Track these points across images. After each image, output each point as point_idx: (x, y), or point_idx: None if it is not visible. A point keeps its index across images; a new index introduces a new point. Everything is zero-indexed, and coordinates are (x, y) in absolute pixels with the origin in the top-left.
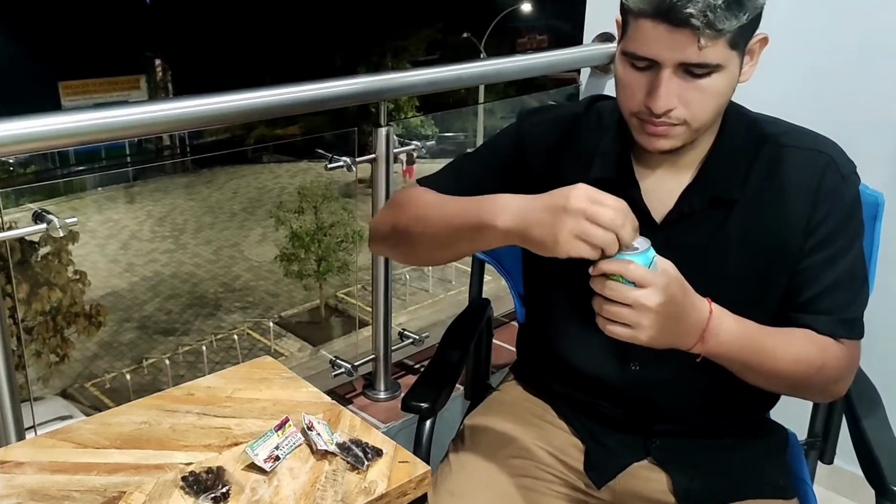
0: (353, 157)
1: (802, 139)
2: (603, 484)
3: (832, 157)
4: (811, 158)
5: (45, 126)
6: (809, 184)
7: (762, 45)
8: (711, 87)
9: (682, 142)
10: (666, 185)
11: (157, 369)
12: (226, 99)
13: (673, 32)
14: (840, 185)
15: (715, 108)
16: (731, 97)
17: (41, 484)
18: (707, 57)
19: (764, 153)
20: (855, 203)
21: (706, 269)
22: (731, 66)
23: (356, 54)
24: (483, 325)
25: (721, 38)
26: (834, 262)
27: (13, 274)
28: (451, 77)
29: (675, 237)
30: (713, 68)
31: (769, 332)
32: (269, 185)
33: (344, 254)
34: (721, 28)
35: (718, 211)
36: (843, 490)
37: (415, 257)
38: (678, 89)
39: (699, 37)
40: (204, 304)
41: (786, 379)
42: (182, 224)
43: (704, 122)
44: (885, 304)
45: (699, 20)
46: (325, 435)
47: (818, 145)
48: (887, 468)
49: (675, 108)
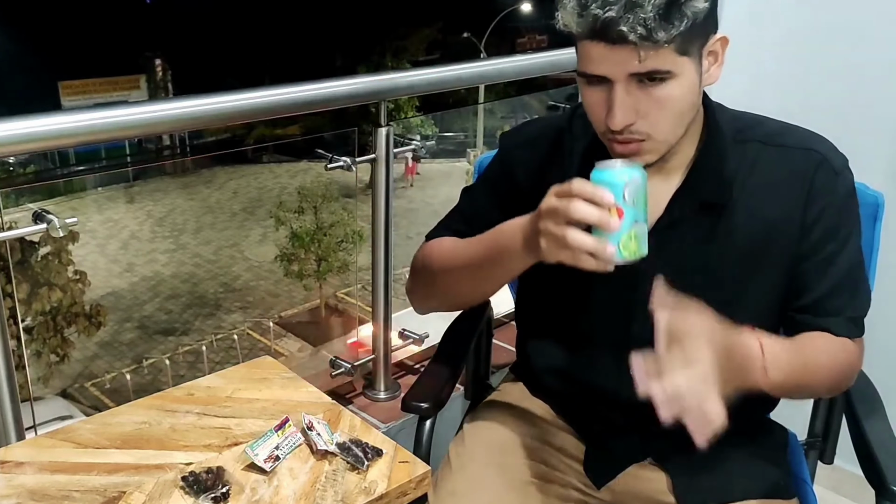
0: (353, 157)
1: (791, 138)
2: (602, 484)
3: (823, 154)
4: (801, 157)
5: (45, 126)
6: (801, 183)
7: (723, 45)
8: (668, 95)
9: (657, 155)
10: (655, 191)
11: (157, 369)
12: (226, 99)
13: (613, 50)
14: (833, 182)
15: (675, 116)
16: (697, 103)
17: (41, 484)
18: (655, 65)
19: (752, 154)
20: (849, 197)
21: (700, 273)
22: (686, 72)
23: (356, 54)
24: (483, 325)
25: (663, 48)
26: (835, 259)
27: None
28: (451, 77)
29: (667, 243)
30: (664, 75)
31: (803, 349)
32: (269, 184)
33: (344, 254)
34: (658, 39)
35: (709, 215)
36: (843, 490)
37: (460, 301)
38: (635, 102)
39: (639, 52)
40: (204, 304)
41: (815, 390)
42: (182, 224)
43: (668, 132)
44: (885, 304)
45: (635, 35)
46: (325, 435)
47: (807, 143)
48: (887, 468)
49: (635, 123)
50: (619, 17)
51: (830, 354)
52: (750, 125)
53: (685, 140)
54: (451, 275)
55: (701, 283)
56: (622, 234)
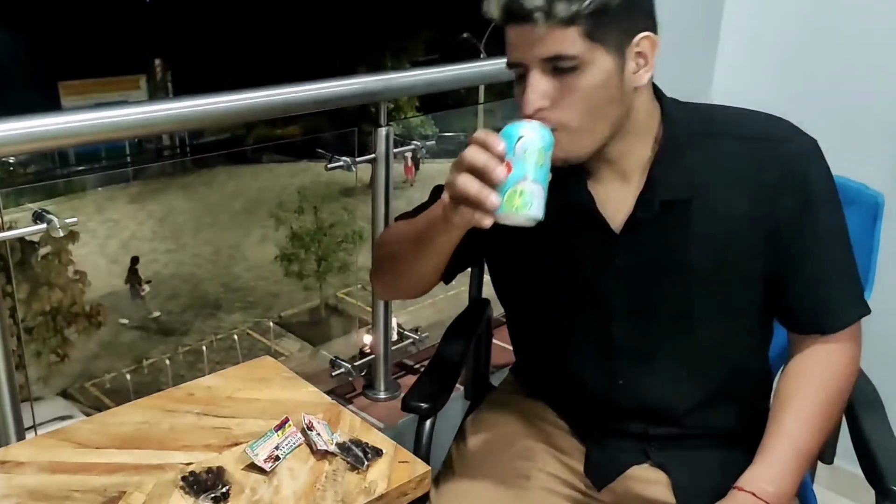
0: (353, 157)
1: (751, 128)
2: (603, 486)
3: (784, 139)
4: (762, 147)
5: (45, 126)
6: (764, 174)
7: (651, 46)
8: (581, 85)
9: (579, 151)
10: (619, 193)
11: (157, 369)
12: (226, 99)
13: (523, 30)
14: (795, 167)
15: (588, 108)
16: (620, 101)
17: (41, 484)
18: (560, 48)
19: (711, 148)
20: (820, 177)
21: (671, 272)
22: (599, 63)
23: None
24: (483, 325)
25: (569, 28)
26: (814, 244)
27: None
28: (450, 77)
29: (636, 244)
30: (572, 60)
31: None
32: (269, 185)
33: (344, 254)
34: (561, 16)
35: (673, 213)
36: (843, 490)
37: (409, 280)
38: (549, 90)
39: (542, 27)
40: (204, 304)
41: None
42: (182, 224)
43: (581, 124)
44: (885, 304)
45: (538, 11)
46: (325, 435)
47: (768, 130)
48: (887, 468)
49: (549, 110)
50: None
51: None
52: (707, 118)
53: (633, 142)
54: (398, 252)
55: (673, 280)
56: (507, 186)
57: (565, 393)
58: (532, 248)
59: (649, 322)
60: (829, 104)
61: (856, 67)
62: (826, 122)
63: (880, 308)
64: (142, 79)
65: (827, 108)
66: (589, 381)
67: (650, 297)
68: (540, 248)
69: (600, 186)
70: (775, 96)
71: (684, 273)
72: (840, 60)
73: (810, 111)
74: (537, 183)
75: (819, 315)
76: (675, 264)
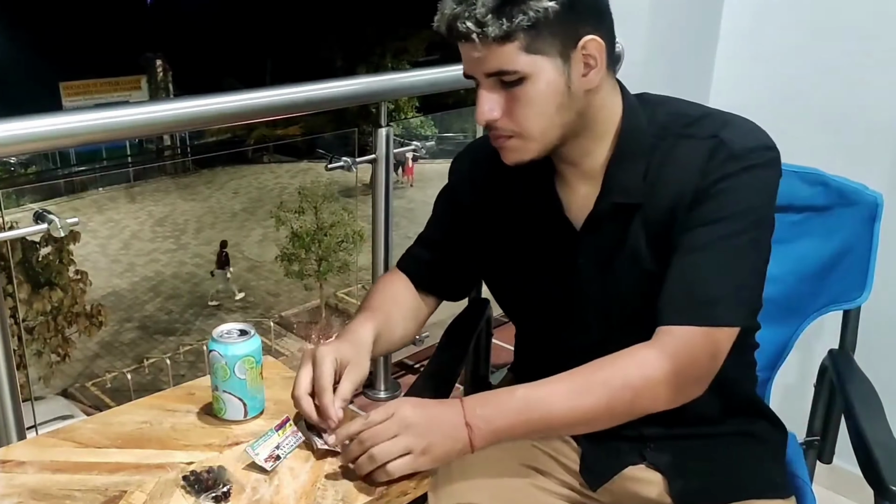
0: (353, 158)
1: (703, 128)
2: (598, 486)
3: (724, 138)
4: (704, 145)
5: (46, 126)
6: (700, 168)
7: (597, 47)
8: (527, 95)
9: (530, 154)
10: (582, 194)
11: (157, 369)
12: (226, 99)
13: (466, 48)
14: (725, 162)
15: (538, 116)
16: (569, 105)
17: (42, 483)
18: (500, 64)
19: (662, 149)
20: (738, 175)
21: (626, 270)
22: (544, 72)
23: (356, 54)
24: (482, 325)
25: (506, 45)
26: (691, 234)
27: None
28: (450, 78)
29: (594, 242)
30: (514, 74)
31: (547, 389)
32: (270, 185)
33: (344, 254)
34: (493, 35)
35: (626, 213)
36: (843, 490)
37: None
38: (500, 101)
39: (477, 47)
40: (205, 303)
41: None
42: (183, 224)
43: (534, 131)
44: (885, 304)
45: (473, 32)
46: (325, 434)
47: (716, 130)
48: (886, 468)
49: (500, 120)
50: (458, 14)
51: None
52: (676, 118)
53: (593, 143)
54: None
55: (629, 277)
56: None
57: None
58: (512, 254)
59: (620, 321)
60: (829, 104)
61: (855, 68)
62: (825, 122)
63: (880, 308)
64: (143, 79)
65: (826, 108)
66: None
67: (612, 293)
68: (518, 252)
69: (567, 188)
70: (774, 96)
71: (636, 271)
72: (839, 60)
73: (809, 111)
74: (226, 392)
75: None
76: (626, 262)
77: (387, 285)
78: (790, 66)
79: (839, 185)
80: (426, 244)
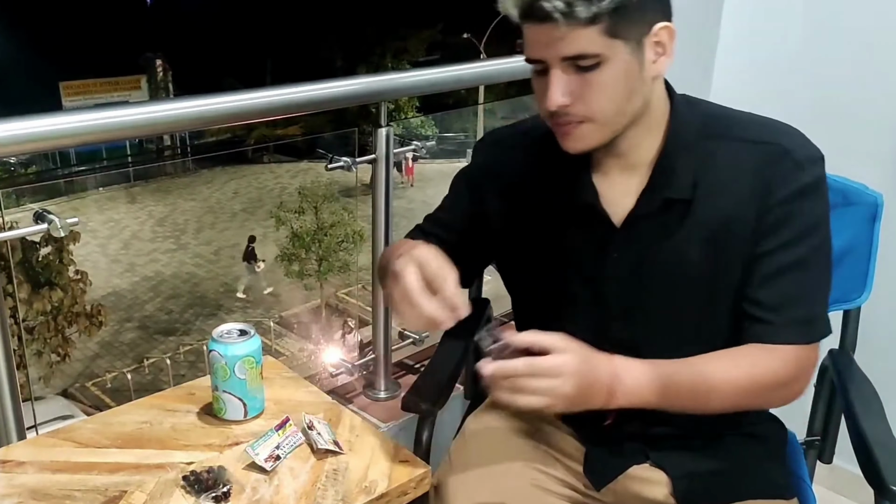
0: (353, 158)
1: (756, 132)
2: (602, 486)
3: (785, 146)
4: (761, 151)
5: (45, 126)
6: (762, 176)
7: (670, 35)
8: (601, 80)
9: (597, 141)
10: (622, 187)
11: (157, 369)
12: (226, 99)
13: (543, 29)
14: (794, 174)
15: (611, 101)
16: (639, 91)
17: (42, 483)
18: (581, 47)
19: (715, 150)
20: (811, 190)
21: (667, 268)
22: (620, 57)
23: (356, 54)
24: (483, 325)
25: (590, 28)
26: (786, 254)
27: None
28: (451, 77)
29: (635, 238)
30: (593, 58)
31: (697, 369)
32: (270, 185)
33: (344, 254)
34: (581, 17)
35: (674, 211)
36: (843, 490)
37: None
38: (571, 86)
39: (560, 28)
40: (205, 303)
41: (727, 407)
42: (183, 224)
43: (606, 117)
44: (885, 305)
45: (558, 12)
46: (325, 434)
47: (772, 137)
48: (886, 468)
49: (572, 105)
50: None
51: (739, 369)
52: (718, 119)
53: (645, 135)
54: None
55: (669, 277)
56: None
57: None
58: (537, 244)
59: (644, 318)
60: (829, 104)
61: (855, 67)
62: (826, 121)
63: (880, 308)
64: (143, 79)
65: (826, 108)
66: None
67: (644, 292)
68: (544, 243)
69: (605, 179)
70: (775, 96)
71: (676, 269)
72: (840, 60)
73: (810, 111)
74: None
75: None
76: (668, 260)
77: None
78: (790, 66)
79: (839, 186)
80: (440, 224)
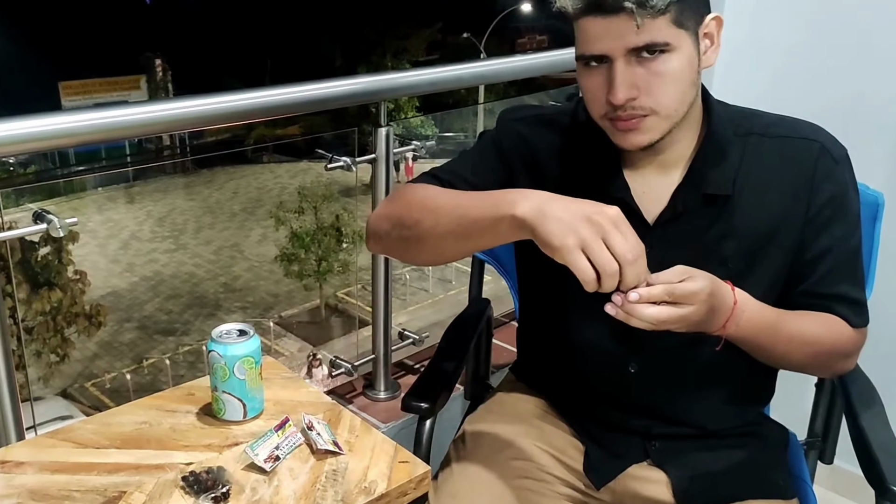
0: (353, 157)
1: (790, 128)
2: (602, 485)
3: (822, 143)
4: (802, 147)
5: (45, 126)
6: (804, 172)
7: (718, 26)
8: (667, 69)
9: (659, 133)
10: (656, 184)
11: (157, 369)
12: (226, 99)
13: (611, 21)
14: (835, 170)
15: (677, 91)
16: (696, 82)
17: (41, 484)
18: (652, 37)
19: (753, 146)
20: (849, 186)
21: (703, 266)
22: (684, 46)
23: (356, 54)
24: (483, 325)
25: (660, 17)
26: (838, 245)
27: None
28: (451, 77)
29: (670, 236)
30: (662, 47)
31: (786, 318)
32: (269, 185)
33: (344, 254)
34: (655, 5)
35: (712, 207)
36: (843, 490)
37: (420, 253)
38: (635, 78)
39: (636, 18)
40: (204, 304)
41: (794, 361)
42: (182, 224)
43: (671, 107)
44: (885, 304)
45: (631, 2)
46: (325, 435)
47: (807, 133)
48: (887, 468)
49: (638, 97)
50: None
51: (818, 331)
52: (748, 118)
53: (684, 132)
54: (430, 217)
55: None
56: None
57: (571, 389)
58: None
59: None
60: (829, 104)
61: (856, 67)
62: (826, 121)
63: (880, 308)
64: (142, 79)
65: (827, 108)
66: (601, 371)
67: None
68: None
69: (638, 177)
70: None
71: (713, 266)
72: (840, 60)
73: (810, 111)
74: (226, 392)
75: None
76: (704, 257)
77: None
78: (790, 66)
79: None
80: (465, 181)
